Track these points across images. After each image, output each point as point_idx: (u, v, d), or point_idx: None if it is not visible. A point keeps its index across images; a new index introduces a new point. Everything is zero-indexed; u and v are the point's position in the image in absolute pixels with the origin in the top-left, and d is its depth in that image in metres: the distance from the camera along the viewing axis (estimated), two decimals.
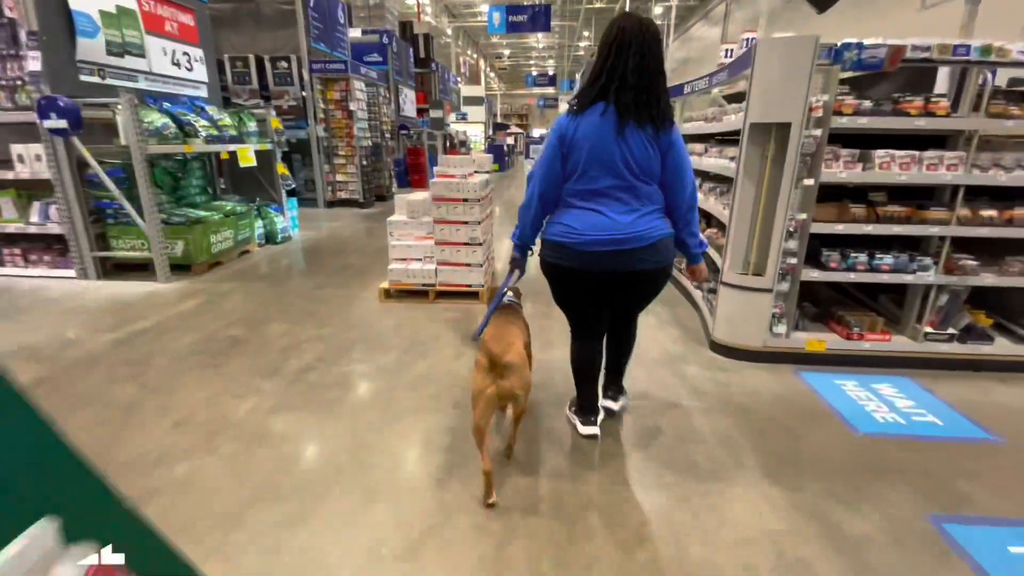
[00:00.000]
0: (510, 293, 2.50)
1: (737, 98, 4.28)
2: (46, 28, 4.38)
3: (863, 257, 3.21)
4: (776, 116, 2.98)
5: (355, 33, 12.21)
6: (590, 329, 2.35)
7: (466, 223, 4.39)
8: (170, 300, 4.51)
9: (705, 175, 4.57)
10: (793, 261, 3.17)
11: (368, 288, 4.98)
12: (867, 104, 3.00)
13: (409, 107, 14.36)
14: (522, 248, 2.32)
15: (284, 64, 9.02)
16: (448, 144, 18.12)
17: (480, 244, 4.44)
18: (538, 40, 33.47)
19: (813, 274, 3.24)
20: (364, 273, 5.71)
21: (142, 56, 5.29)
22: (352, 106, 9.77)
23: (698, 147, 4.76)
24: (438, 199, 4.34)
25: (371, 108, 10.84)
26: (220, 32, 8.50)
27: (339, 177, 10.18)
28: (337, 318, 4.15)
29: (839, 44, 2.85)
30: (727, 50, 11.38)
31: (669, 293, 4.83)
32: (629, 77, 1.93)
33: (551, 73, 39.16)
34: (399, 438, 2.54)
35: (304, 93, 9.21)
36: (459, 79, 28.21)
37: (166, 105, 5.23)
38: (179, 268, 5.22)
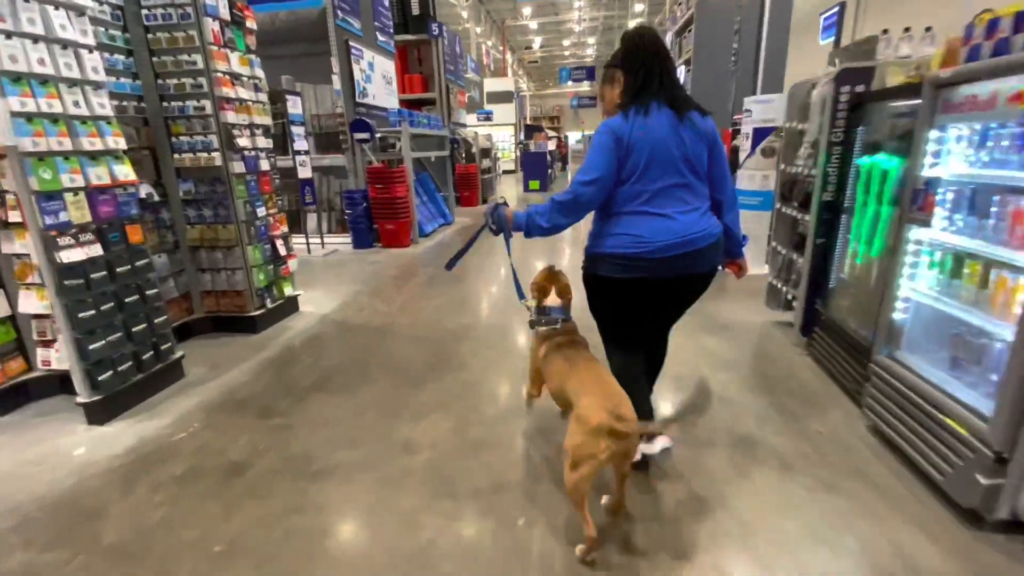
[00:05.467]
0: (556, 300, 2.16)
1: None
2: None
3: None
4: None
5: None
6: (637, 341, 2.17)
7: None
8: None
9: None
10: None
11: None
12: None
13: (381, 88, 7.66)
14: (519, 227, 2.08)
15: None
16: (463, 154, 11.38)
17: None
18: (578, 20, 26.67)
19: None
20: None
21: None
22: None
23: None
24: None
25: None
26: None
27: None
28: None
29: None
30: None
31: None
32: (665, 76, 1.94)
33: (590, 65, 33.03)
34: None
35: None
36: (479, 68, 21.81)
37: None
38: None
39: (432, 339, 3.55)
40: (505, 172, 20.53)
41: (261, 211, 3.74)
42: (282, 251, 3.94)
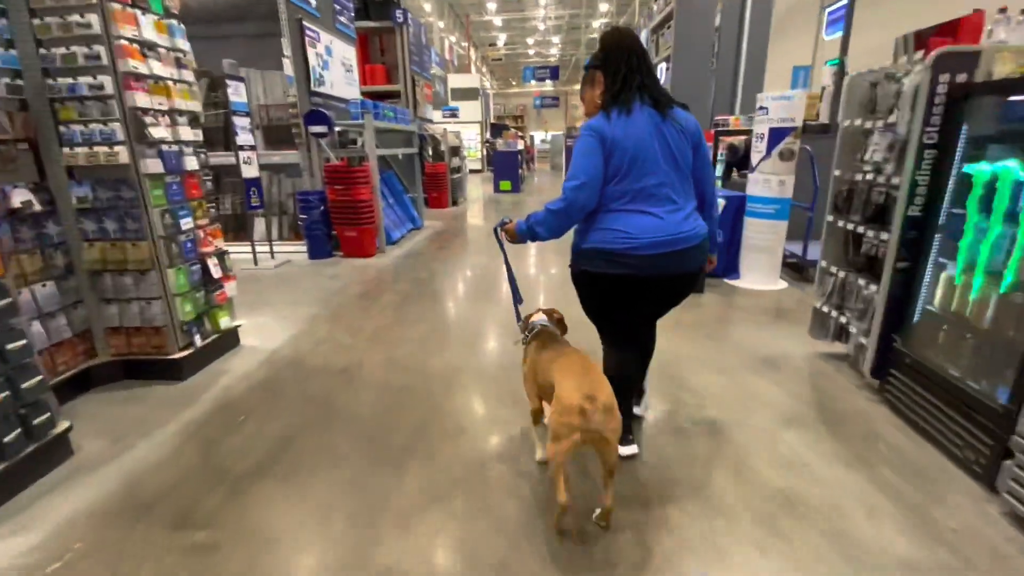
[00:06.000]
0: (542, 316, 2.30)
1: None
2: None
3: None
4: None
5: None
6: (628, 338, 2.18)
7: None
8: None
9: None
10: None
11: None
12: None
13: (341, 77, 6.79)
14: (524, 236, 2.07)
15: None
16: (431, 151, 10.56)
17: None
18: (544, 18, 26.20)
19: None
20: None
21: None
22: None
23: None
24: None
25: None
26: None
27: None
28: None
29: None
30: None
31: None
32: (645, 76, 1.93)
33: (554, 65, 32.91)
34: None
35: None
36: (445, 63, 20.93)
37: None
38: None
39: (415, 388, 2.81)
40: (472, 171, 19.75)
41: (186, 222, 2.90)
42: (216, 272, 3.10)
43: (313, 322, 3.85)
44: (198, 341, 2.99)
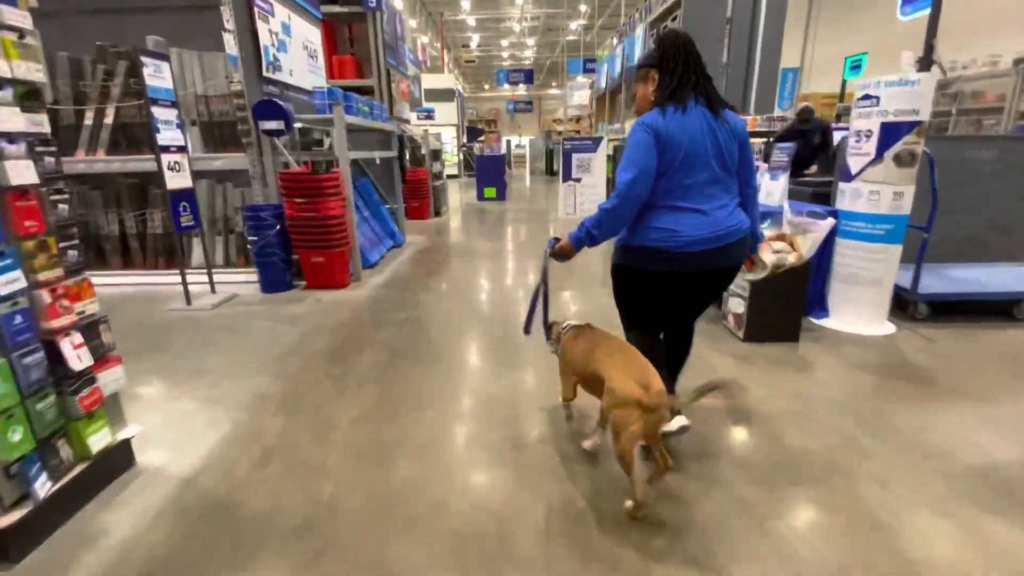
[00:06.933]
0: (568, 324, 2.30)
1: None
2: None
3: None
4: None
5: None
6: (653, 326, 2.22)
7: None
8: None
9: None
10: None
11: None
12: None
13: (303, 63, 5.47)
14: (580, 243, 2.05)
15: None
16: (409, 156, 9.26)
17: None
18: (520, 18, 25.25)
19: None
20: None
21: None
22: None
23: None
24: None
25: None
26: None
27: None
28: None
29: None
30: None
31: None
32: (700, 75, 1.97)
33: (528, 68, 32.22)
34: None
35: None
36: (419, 62, 19.64)
37: None
38: None
39: (427, 570, 1.58)
40: (448, 176, 18.52)
41: (8, 280, 1.60)
42: (78, 361, 1.79)
43: (258, 411, 2.55)
44: (42, 489, 1.68)
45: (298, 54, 5.44)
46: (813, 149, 5.81)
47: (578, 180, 9.40)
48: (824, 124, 5.95)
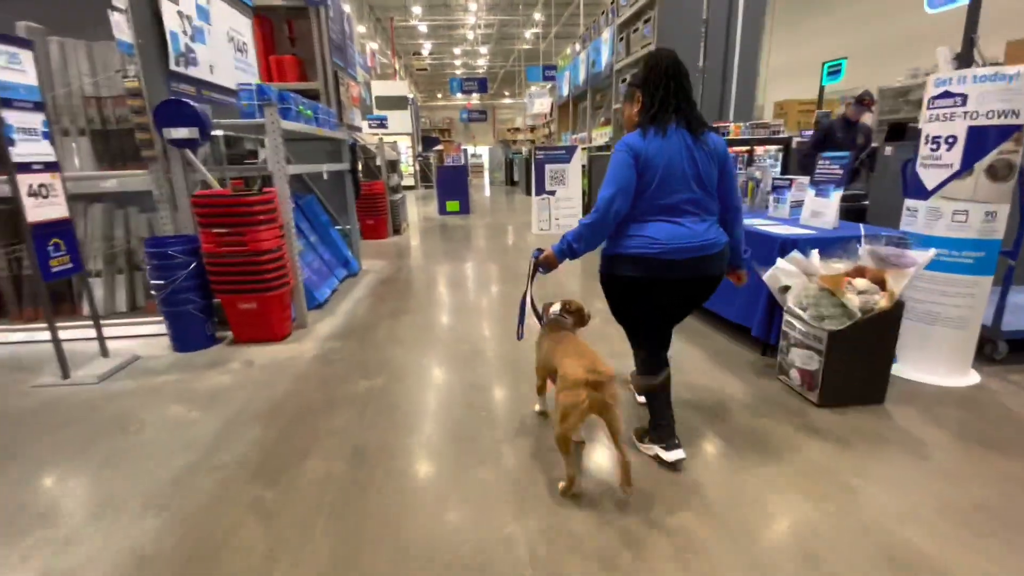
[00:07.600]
0: (556, 306, 2.45)
1: None
2: None
3: None
4: None
5: None
6: (657, 340, 2.28)
7: None
8: None
9: None
10: None
11: None
12: None
13: (227, 58, 4.40)
14: (563, 255, 2.18)
15: None
16: (363, 168, 8.22)
17: None
18: (473, 25, 24.60)
19: None
20: None
21: None
22: None
23: None
24: None
25: None
26: None
27: None
28: None
29: None
30: None
31: None
32: (682, 100, 2.04)
33: (482, 76, 31.58)
34: None
35: None
36: (369, 69, 18.50)
37: None
38: None
39: None
40: (404, 187, 17.45)
41: None
42: None
43: None
44: None
45: (221, 47, 4.39)
46: (857, 153, 5.10)
47: (552, 193, 8.63)
48: (866, 125, 5.29)
